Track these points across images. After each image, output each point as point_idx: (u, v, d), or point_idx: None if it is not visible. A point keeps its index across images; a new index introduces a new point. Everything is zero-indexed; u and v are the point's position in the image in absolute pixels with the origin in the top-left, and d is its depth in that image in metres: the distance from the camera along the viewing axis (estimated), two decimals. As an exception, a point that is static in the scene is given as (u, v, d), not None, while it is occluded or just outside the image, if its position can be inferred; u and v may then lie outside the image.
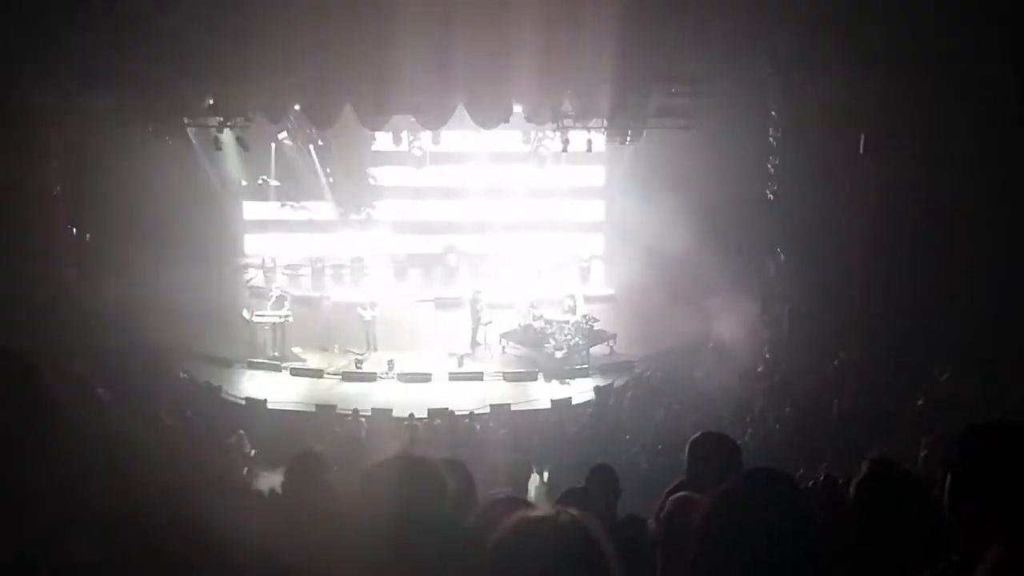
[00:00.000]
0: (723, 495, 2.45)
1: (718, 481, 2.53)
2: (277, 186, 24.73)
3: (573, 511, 2.29)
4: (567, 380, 20.36)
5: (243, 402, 19.12)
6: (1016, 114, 15.51)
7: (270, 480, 12.43)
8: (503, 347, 21.77)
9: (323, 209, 25.28)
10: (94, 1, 16.89)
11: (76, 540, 2.35)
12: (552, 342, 21.17)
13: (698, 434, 4.97)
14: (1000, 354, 15.24)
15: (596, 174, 25.36)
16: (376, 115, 20.04)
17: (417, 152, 24.45)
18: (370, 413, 18.15)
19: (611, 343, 21.68)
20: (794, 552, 2.34)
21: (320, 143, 23.43)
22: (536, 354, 21.23)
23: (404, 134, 23.86)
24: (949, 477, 2.84)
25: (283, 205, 25.40)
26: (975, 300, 16.31)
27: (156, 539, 2.59)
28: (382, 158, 24.98)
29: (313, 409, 18.62)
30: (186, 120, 19.69)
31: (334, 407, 18.58)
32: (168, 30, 16.77)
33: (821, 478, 8.34)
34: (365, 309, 21.54)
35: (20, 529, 2.30)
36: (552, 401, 19.25)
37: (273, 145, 23.48)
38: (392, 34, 17.18)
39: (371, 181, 25.09)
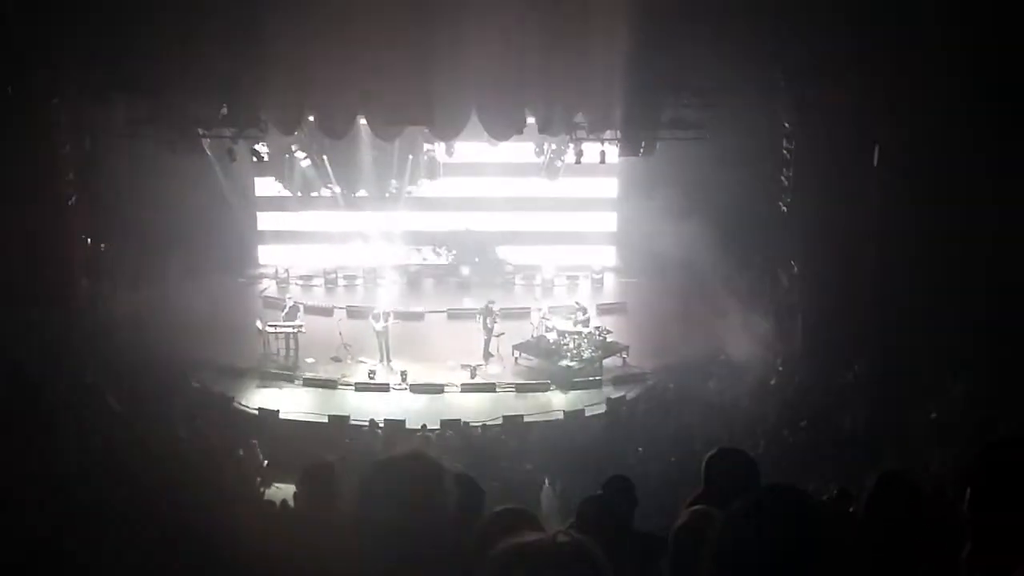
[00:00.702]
0: (740, 510, 2.41)
1: (735, 498, 2.49)
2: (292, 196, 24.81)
3: (571, 533, 2.24)
4: (580, 391, 20.31)
5: (256, 412, 19.12)
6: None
7: (283, 491, 12.48)
8: (516, 358, 21.72)
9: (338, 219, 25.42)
10: (107, 13, 16.96)
11: (87, 550, 2.35)
12: (565, 353, 21.14)
13: (715, 450, 4.92)
14: (1014, 367, 15.15)
15: (609, 186, 25.38)
16: (389, 126, 20.07)
17: (430, 163, 24.57)
18: (383, 424, 18.13)
19: (624, 355, 21.62)
20: (812, 569, 2.30)
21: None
22: (549, 365, 21.17)
23: (418, 145, 23.98)
24: (969, 491, 2.81)
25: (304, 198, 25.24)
26: (989, 313, 16.23)
27: (168, 549, 2.59)
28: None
29: (326, 420, 18.61)
30: (200, 131, 19.73)
31: (347, 417, 18.58)
32: (182, 42, 16.84)
33: (834, 492, 8.29)
34: (378, 320, 21.53)
35: (30, 542, 2.30)
36: (564, 412, 19.21)
37: (287, 156, 23.54)
38: (405, 45, 17.23)
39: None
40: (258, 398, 19.84)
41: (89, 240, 20.66)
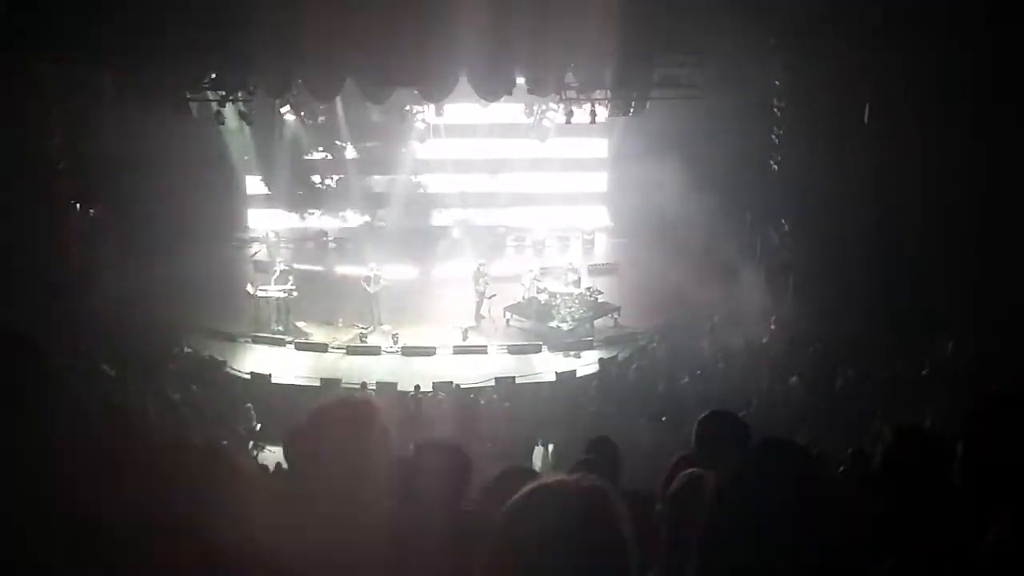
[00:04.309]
0: (736, 469, 2.39)
1: (726, 461, 2.47)
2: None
3: (594, 477, 2.25)
4: (572, 352, 20.35)
5: (248, 377, 19.13)
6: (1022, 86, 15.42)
7: (276, 454, 12.50)
8: (507, 320, 21.75)
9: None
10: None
11: (80, 519, 2.34)
12: (556, 314, 21.15)
13: (706, 413, 4.89)
14: (1004, 323, 15.22)
15: (599, 146, 25.30)
16: (378, 88, 19.91)
17: (420, 125, 24.41)
18: (375, 387, 18.16)
19: (615, 315, 21.65)
20: (812, 524, 2.27)
21: (321, 119, 23.36)
22: (540, 327, 21.20)
23: (407, 107, 23.79)
24: (961, 447, 2.81)
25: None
26: (979, 270, 16.27)
27: (159, 515, 2.58)
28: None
29: (318, 383, 18.63)
30: (188, 95, 19.56)
31: (339, 381, 18.59)
32: (168, 4, 16.66)
33: (815, 452, 8.32)
34: (369, 283, 21.49)
35: (30, 518, 2.29)
36: (557, 374, 19.25)
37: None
38: (393, 6, 17.07)
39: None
40: (250, 362, 19.84)
41: (78, 206, 20.55)
